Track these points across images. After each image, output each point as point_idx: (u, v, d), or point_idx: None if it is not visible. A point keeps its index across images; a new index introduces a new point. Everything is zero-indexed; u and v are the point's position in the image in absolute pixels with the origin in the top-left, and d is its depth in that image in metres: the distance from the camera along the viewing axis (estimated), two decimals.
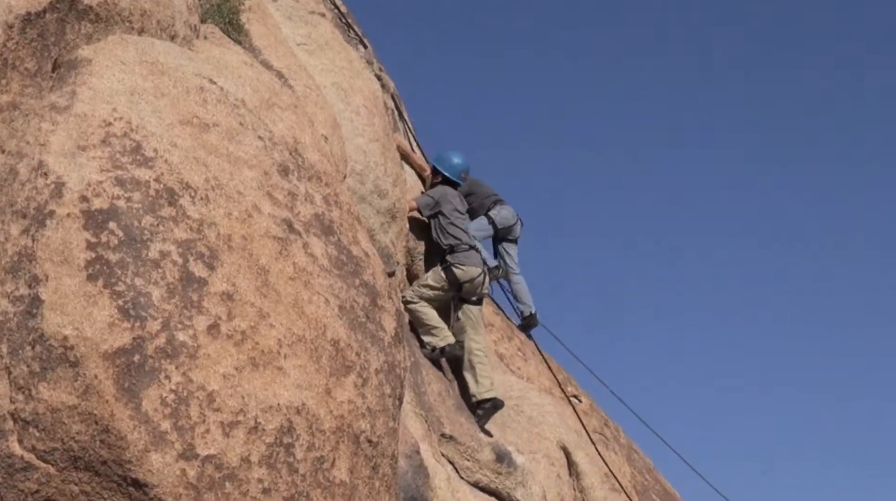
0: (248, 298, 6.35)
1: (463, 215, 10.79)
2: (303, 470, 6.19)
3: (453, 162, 11.16)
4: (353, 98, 9.98)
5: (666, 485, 13.60)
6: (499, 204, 13.24)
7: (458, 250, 10.43)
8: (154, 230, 6.12)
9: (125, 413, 5.62)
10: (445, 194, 10.76)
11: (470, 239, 10.64)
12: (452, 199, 10.77)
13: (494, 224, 13.06)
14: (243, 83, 7.62)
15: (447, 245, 10.43)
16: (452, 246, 10.42)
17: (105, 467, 5.63)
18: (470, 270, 10.41)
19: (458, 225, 10.59)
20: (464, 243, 10.51)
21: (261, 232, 6.69)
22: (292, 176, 7.30)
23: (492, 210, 13.12)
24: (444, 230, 10.49)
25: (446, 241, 10.46)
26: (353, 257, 7.42)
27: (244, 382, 6.07)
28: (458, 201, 10.84)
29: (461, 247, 10.46)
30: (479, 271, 10.49)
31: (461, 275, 10.34)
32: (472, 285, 10.45)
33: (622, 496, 11.15)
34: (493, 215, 13.08)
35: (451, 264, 10.35)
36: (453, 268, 10.32)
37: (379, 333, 7.28)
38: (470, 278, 10.41)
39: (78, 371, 5.63)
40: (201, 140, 6.78)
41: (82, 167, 6.12)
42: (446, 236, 10.47)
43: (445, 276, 10.32)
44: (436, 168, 11.15)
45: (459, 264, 10.36)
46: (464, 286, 10.41)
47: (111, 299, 5.80)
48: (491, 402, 10.14)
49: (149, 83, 6.78)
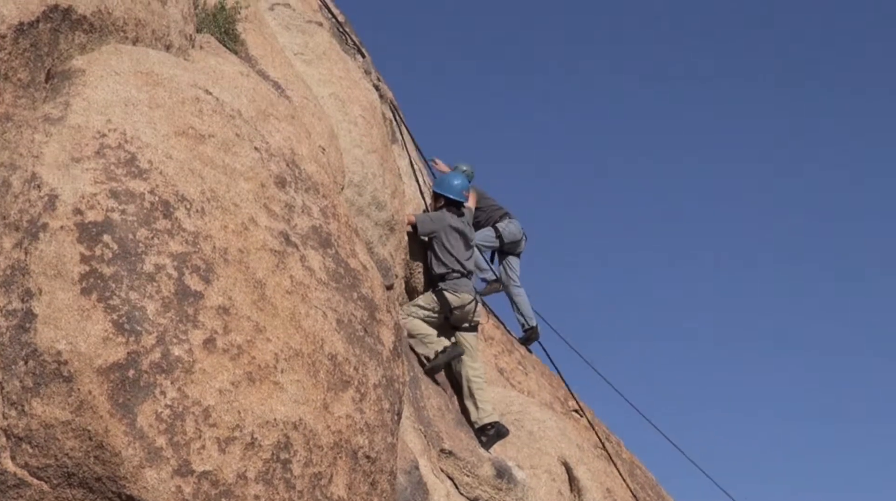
0: (245, 312, 6.33)
1: (462, 243, 10.77)
2: (300, 487, 6.16)
3: (453, 184, 11.16)
4: (350, 108, 9.97)
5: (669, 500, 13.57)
6: (507, 218, 13.28)
7: (450, 277, 10.48)
8: (149, 243, 6.10)
9: (120, 429, 5.59)
10: (445, 219, 10.75)
11: (464, 267, 10.64)
12: (453, 224, 10.76)
13: (501, 237, 13.10)
14: (239, 93, 7.61)
15: (439, 273, 10.47)
16: (444, 274, 10.46)
17: (99, 483, 5.61)
18: (462, 296, 10.46)
19: (454, 253, 10.59)
20: (456, 270, 10.53)
21: (257, 245, 6.67)
22: (289, 188, 7.29)
23: (500, 223, 13.16)
24: (438, 257, 10.53)
25: (438, 269, 10.49)
26: (350, 270, 7.40)
27: (240, 397, 6.04)
28: (459, 227, 10.82)
29: (452, 275, 10.50)
30: (471, 298, 10.55)
31: (452, 300, 10.39)
32: (463, 312, 10.49)
33: None
34: (501, 228, 13.13)
35: (442, 288, 10.39)
36: (445, 292, 10.37)
37: (377, 347, 7.26)
38: (461, 304, 10.45)
39: (72, 387, 5.61)
40: (197, 151, 6.77)
41: (76, 179, 6.10)
42: (439, 264, 10.51)
43: (437, 299, 10.36)
44: (437, 193, 11.13)
45: (451, 290, 10.41)
46: (454, 312, 10.42)
47: (105, 313, 5.78)
48: (494, 428, 10.16)
49: (143, 94, 6.77)
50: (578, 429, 11.77)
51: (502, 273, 13.45)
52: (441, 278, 10.47)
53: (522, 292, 13.43)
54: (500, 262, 13.54)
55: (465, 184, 11.26)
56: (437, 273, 10.51)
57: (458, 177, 11.31)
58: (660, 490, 13.53)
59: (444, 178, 11.30)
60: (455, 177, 11.31)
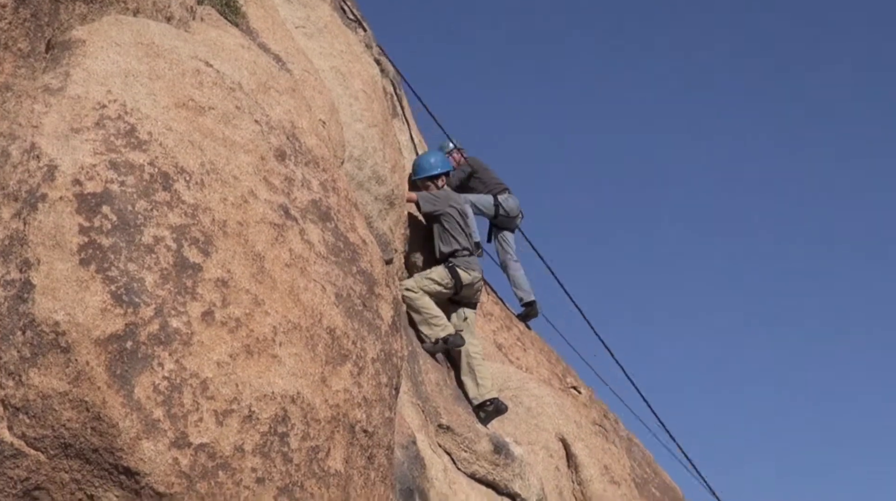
0: (243, 284, 6.34)
1: (466, 220, 10.80)
2: (297, 460, 6.18)
3: (430, 162, 11.15)
4: (351, 82, 9.96)
5: (666, 478, 13.61)
6: (506, 193, 13.30)
7: (460, 255, 10.54)
8: (148, 215, 6.10)
9: (117, 400, 5.61)
10: (449, 198, 10.78)
11: (471, 244, 10.70)
12: (455, 202, 10.80)
13: (499, 208, 13.11)
14: (240, 66, 7.60)
15: (450, 250, 10.51)
16: (455, 251, 10.51)
17: (96, 455, 5.62)
18: (473, 274, 10.59)
19: (464, 231, 10.64)
20: (464, 248, 10.58)
21: (257, 218, 6.67)
22: (289, 161, 7.28)
23: (500, 196, 13.18)
24: (447, 235, 10.55)
25: (447, 248, 10.53)
26: (350, 244, 7.40)
27: (238, 370, 6.06)
28: (461, 205, 10.87)
29: (462, 253, 10.55)
30: (480, 276, 10.67)
31: (465, 278, 10.47)
32: (471, 289, 10.62)
33: (621, 488, 11.16)
34: (501, 200, 13.14)
35: (455, 264, 10.44)
36: (458, 269, 10.43)
37: (376, 321, 7.27)
38: (471, 281, 10.56)
39: (69, 357, 5.62)
40: (197, 124, 6.76)
41: (75, 150, 6.09)
42: (447, 243, 10.55)
43: (451, 275, 10.41)
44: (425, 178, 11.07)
45: (464, 267, 10.47)
46: (463, 289, 10.49)
47: (104, 284, 5.79)
48: (493, 404, 10.18)
49: (144, 65, 6.76)
50: (576, 406, 11.80)
51: (499, 248, 13.47)
52: (451, 256, 10.52)
53: (519, 267, 13.45)
54: (494, 237, 13.55)
55: (440, 155, 11.30)
56: (446, 251, 10.55)
57: (430, 155, 11.34)
58: (657, 468, 13.58)
59: (418, 162, 11.29)
60: (428, 156, 11.33)
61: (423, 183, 11.02)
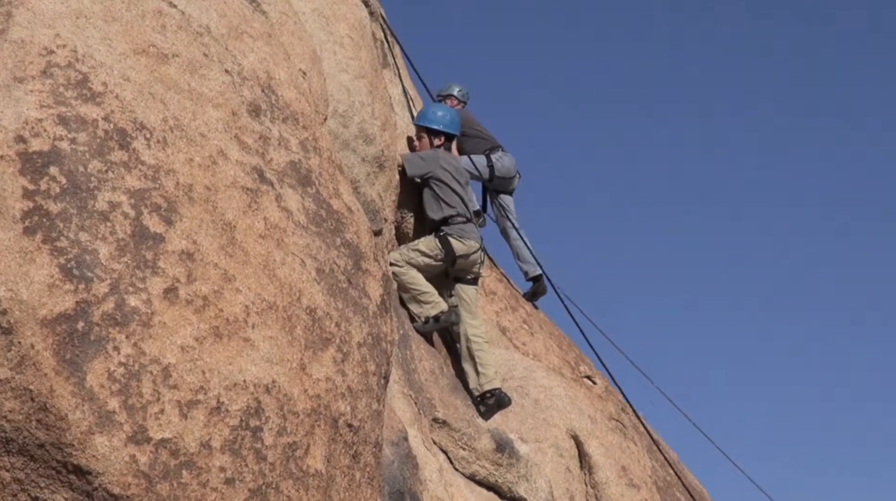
0: (212, 258, 6.33)
1: (461, 183, 10.75)
2: (272, 458, 6.19)
3: (437, 114, 11.09)
4: (336, 27, 9.91)
5: (692, 481, 13.64)
6: (500, 150, 13.24)
7: (454, 222, 10.45)
8: (102, 178, 6.08)
9: (66, 389, 5.60)
10: (439, 158, 10.71)
11: (468, 210, 10.63)
12: (448, 164, 10.73)
13: (493, 169, 13.05)
14: (208, 7, 7.56)
15: (440, 218, 10.43)
16: (447, 218, 10.43)
17: (42, 451, 5.62)
18: (468, 243, 10.43)
19: (457, 195, 10.56)
20: (460, 214, 10.50)
21: (227, 182, 6.66)
22: (264, 117, 7.26)
23: (493, 154, 13.12)
24: (438, 200, 10.48)
25: (438, 214, 10.45)
26: (333, 213, 7.39)
27: (205, 355, 6.05)
28: (455, 166, 10.80)
29: (457, 219, 10.47)
30: (478, 246, 10.52)
31: (458, 247, 10.35)
32: (468, 261, 10.48)
33: (641, 492, 11.18)
34: (495, 159, 13.08)
35: (446, 233, 10.35)
36: (450, 238, 10.33)
37: (363, 300, 7.27)
38: (466, 252, 10.43)
39: (12, 340, 5.61)
40: (159, 73, 6.74)
41: (19, 102, 6.07)
42: (439, 208, 10.46)
43: (441, 245, 10.31)
44: (425, 128, 11.04)
45: (457, 235, 10.37)
46: (458, 261, 10.41)
47: (51, 256, 5.77)
48: (494, 396, 10.15)
49: (97, 5, 6.73)
50: (591, 398, 11.79)
51: (497, 214, 13.42)
52: (443, 223, 10.45)
53: (522, 235, 13.38)
54: (491, 201, 13.50)
55: (453, 113, 11.20)
56: (436, 219, 10.47)
57: (440, 107, 11.28)
58: (682, 468, 13.61)
59: (425, 109, 11.25)
60: (437, 107, 11.27)
61: (419, 133, 10.99)
